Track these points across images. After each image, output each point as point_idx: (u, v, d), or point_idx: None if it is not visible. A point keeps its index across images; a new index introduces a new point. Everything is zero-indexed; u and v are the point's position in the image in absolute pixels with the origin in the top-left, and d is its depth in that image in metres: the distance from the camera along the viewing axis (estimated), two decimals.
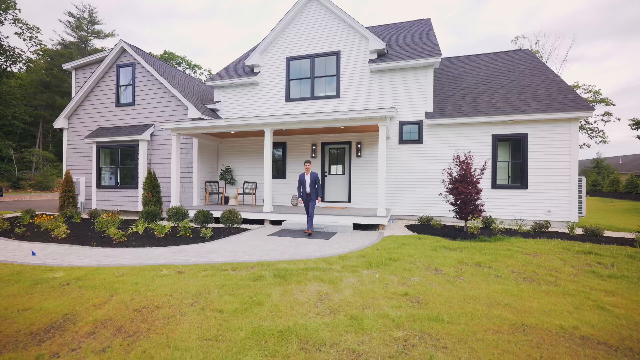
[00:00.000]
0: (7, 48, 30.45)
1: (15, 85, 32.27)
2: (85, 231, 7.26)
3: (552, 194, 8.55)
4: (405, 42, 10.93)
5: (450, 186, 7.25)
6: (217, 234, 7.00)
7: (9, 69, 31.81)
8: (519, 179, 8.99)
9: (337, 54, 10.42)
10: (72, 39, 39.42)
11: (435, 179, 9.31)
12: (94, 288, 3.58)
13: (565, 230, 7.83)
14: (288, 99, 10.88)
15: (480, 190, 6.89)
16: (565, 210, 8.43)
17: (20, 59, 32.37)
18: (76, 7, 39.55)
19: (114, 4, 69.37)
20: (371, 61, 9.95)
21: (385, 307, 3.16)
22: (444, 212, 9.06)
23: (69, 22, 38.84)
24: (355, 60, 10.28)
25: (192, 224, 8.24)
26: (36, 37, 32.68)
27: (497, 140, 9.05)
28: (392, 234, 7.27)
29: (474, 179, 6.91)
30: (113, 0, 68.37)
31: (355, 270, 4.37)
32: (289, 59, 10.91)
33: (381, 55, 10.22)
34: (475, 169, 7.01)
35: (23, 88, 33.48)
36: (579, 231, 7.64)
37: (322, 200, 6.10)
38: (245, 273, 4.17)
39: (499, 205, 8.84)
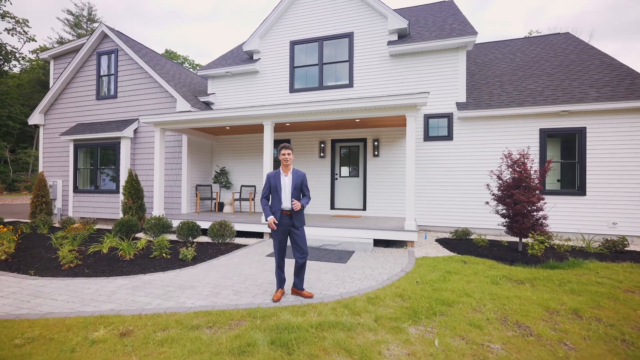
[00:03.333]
0: (1, 46, 29.43)
1: (13, 84, 31.25)
2: (38, 248, 5.78)
3: (618, 202, 6.91)
4: (428, 22, 9.36)
5: (499, 193, 5.67)
6: (202, 254, 5.49)
7: (4, 67, 30.80)
8: (573, 183, 7.37)
9: (349, 35, 8.89)
10: (71, 37, 38.30)
11: (470, 184, 7.74)
12: None
13: None
14: (292, 89, 9.37)
15: (542, 199, 5.31)
16: (636, 222, 6.79)
17: (15, 56, 31.36)
18: (75, 4, 38.63)
19: (114, 6, 68.72)
20: (390, 43, 8.41)
21: None
22: (482, 222, 7.50)
23: (67, 20, 37.77)
24: (371, 42, 8.74)
25: (175, 237, 6.77)
26: (26, 31, 31.62)
27: (546, 135, 7.45)
28: (425, 253, 5.70)
29: (534, 184, 5.33)
30: (114, 1, 67.73)
31: (397, 327, 2.83)
32: (293, 43, 9.40)
33: (402, 37, 8.67)
34: (536, 171, 5.43)
35: (21, 87, 32.47)
36: None
37: (302, 207, 3.54)
38: (226, 336, 2.64)
39: (549, 214, 7.21)
